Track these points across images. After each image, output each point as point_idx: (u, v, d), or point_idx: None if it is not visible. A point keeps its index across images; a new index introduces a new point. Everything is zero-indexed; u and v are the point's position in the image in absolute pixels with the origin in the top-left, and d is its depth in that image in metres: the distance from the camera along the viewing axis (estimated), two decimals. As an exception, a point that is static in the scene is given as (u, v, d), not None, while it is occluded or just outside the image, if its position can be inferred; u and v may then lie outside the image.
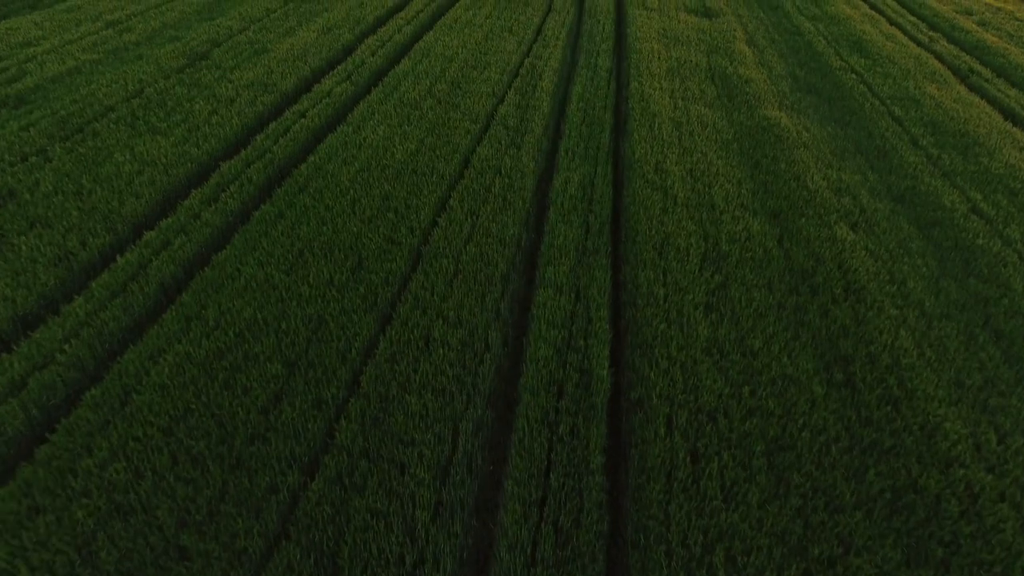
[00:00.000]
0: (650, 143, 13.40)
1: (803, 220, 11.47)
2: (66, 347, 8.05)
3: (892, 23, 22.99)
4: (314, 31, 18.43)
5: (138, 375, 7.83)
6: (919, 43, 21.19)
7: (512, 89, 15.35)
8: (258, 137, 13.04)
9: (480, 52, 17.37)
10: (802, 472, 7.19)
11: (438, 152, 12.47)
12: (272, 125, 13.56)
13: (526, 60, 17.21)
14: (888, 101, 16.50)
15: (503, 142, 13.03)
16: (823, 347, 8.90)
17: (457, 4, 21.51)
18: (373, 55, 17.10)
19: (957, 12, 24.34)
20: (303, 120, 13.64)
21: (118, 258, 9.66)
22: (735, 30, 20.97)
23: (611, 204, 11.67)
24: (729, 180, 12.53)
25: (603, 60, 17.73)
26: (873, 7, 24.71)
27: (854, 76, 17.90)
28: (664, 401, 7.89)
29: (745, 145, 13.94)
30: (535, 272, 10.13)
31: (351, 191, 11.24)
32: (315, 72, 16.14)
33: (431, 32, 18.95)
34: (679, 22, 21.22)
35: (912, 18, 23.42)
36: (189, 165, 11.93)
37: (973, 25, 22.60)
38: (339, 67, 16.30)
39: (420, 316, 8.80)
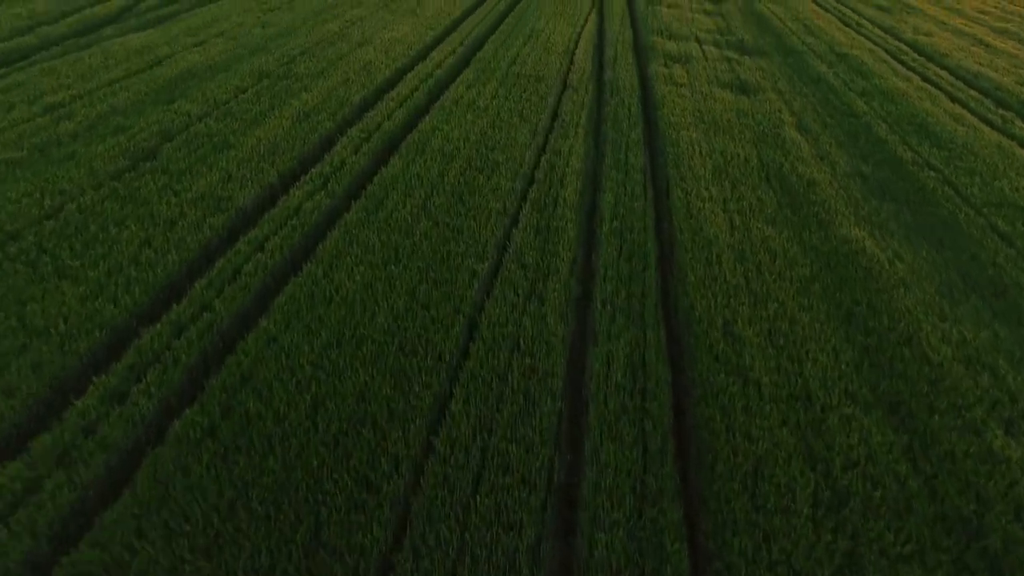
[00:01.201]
0: (711, 288, 10.31)
1: (936, 419, 8.33)
2: None
3: (953, 99, 20.20)
4: (288, 118, 15.48)
5: None
6: (993, 125, 18.35)
7: (528, 203, 12.31)
8: (198, 284, 9.92)
9: (486, 147, 14.40)
10: None
11: (434, 312, 9.35)
12: (220, 262, 10.46)
13: (543, 157, 14.22)
14: (985, 210, 13.51)
15: (520, 291, 9.93)
16: None
17: (458, 80, 18.66)
18: (356, 152, 14.10)
19: (1021, 84, 21.60)
20: (260, 255, 10.55)
21: (-49, 524, 6.45)
22: (780, 111, 18.11)
23: (670, 394, 8.53)
24: (822, 347, 9.42)
25: (634, 156, 14.76)
26: (926, 79, 21.97)
27: (933, 174, 14.95)
28: None
29: (829, 285, 10.87)
30: (577, 535, 6.91)
31: (313, 385, 8.08)
32: (283, 177, 13.12)
33: (427, 117, 16.02)
34: (715, 100, 18.36)
35: (974, 92, 20.64)
36: (97, 334, 8.79)
37: (1046, 101, 19.82)
38: (313, 170, 13.28)
39: (404, 656, 5.57)
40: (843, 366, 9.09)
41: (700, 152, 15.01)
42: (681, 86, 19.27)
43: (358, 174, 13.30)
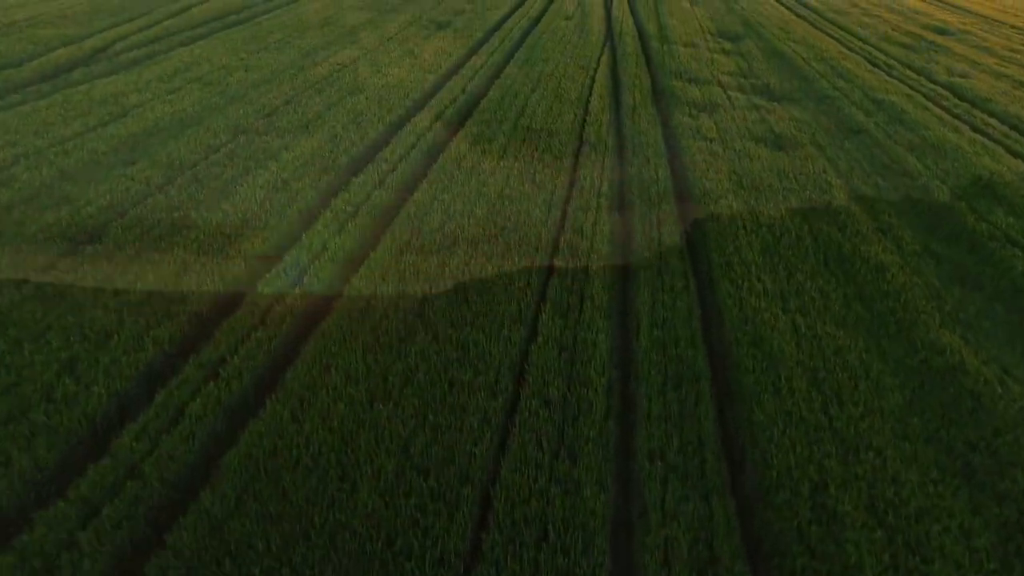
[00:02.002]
0: (787, 432, 8.04)
1: None
2: None
3: (1014, 154, 18.11)
4: (263, 186, 13.30)
5: None
6: (1065, 187, 16.23)
7: (548, 304, 10.09)
8: (127, 431, 7.64)
9: (495, 224, 12.21)
10: None
11: (434, 482, 7.06)
12: (160, 395, 8.19)
13: (562, 238, 12.04)
14: (1091, 304, 11.32)
15: (544, 443, 7.65)
16: None
17: (460, 134, 16.55)
18: (340, 232, 11.89)
19: (1082, 135, 19.55)
20: (212, 385, 8.28)
21: None
22: (824, 170, 15.99)
23: (758, 614, 6.23)
24: (945, 527, 7.12)
25: (668, 234, 12.57)
26: (975, 129, 19.91)
27: (1018, 252, 12.76)
28: None
29: (931, 420, 8.61)
30: None
31: (263, 617, 5.77)
32: (250, 267, 10.89)
33: (425, 182, 13.88)
34: (750, 158, 16.25)
35: (1033, 146, 18.58)
36: (-22, 521, 6.50)
37: (1116, 157, 17.74)
38: (288, 257, 11.07)
39: None
40: (983, 560, 6.80)
41: (744, 228, 12.83)
42: (711, 141, 17.16)
43: (342, 263, 11.08)
